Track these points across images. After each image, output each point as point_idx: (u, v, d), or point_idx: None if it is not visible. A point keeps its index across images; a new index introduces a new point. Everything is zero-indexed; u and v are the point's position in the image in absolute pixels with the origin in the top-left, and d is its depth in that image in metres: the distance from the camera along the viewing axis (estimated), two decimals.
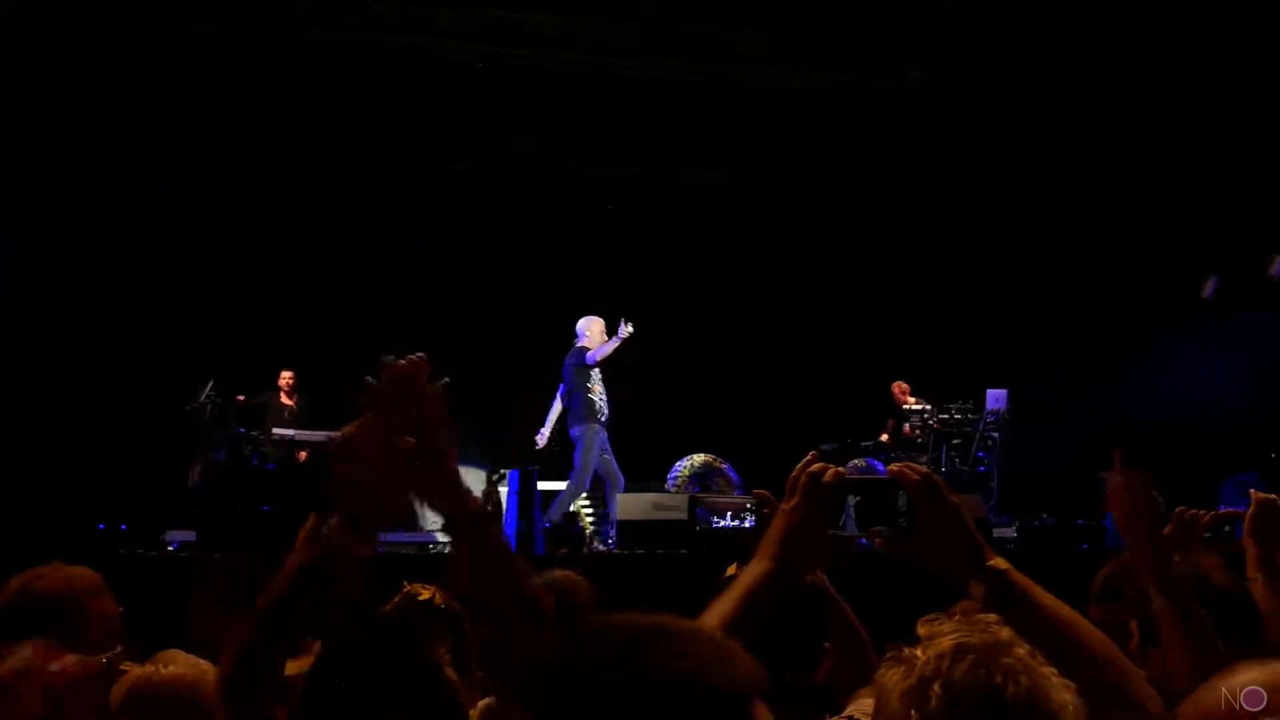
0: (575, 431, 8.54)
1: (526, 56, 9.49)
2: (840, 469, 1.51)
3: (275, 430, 9.25)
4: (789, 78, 9.73)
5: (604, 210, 12.30)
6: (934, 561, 1.46)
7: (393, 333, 11.22)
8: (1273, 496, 2.39)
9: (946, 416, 10.21)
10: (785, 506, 1.51)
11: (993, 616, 1.26)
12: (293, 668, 1.54)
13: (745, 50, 9.31)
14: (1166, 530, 2.90)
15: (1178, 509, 2.90)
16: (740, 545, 2.28)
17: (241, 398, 9.33)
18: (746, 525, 2.03)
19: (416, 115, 10.75)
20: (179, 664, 2.55)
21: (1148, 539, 2.05)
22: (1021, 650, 1.17)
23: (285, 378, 10.02)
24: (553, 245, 11.90)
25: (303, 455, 9.34)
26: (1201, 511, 2.84)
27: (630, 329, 8.40)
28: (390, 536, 6.36)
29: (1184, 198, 10.52)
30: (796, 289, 11.96)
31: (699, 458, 9.21)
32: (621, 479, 8.58)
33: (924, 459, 10.03)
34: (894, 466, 1.50)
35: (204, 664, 2.64)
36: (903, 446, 10.17)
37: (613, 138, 11.30)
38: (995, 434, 10.23)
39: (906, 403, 10.35)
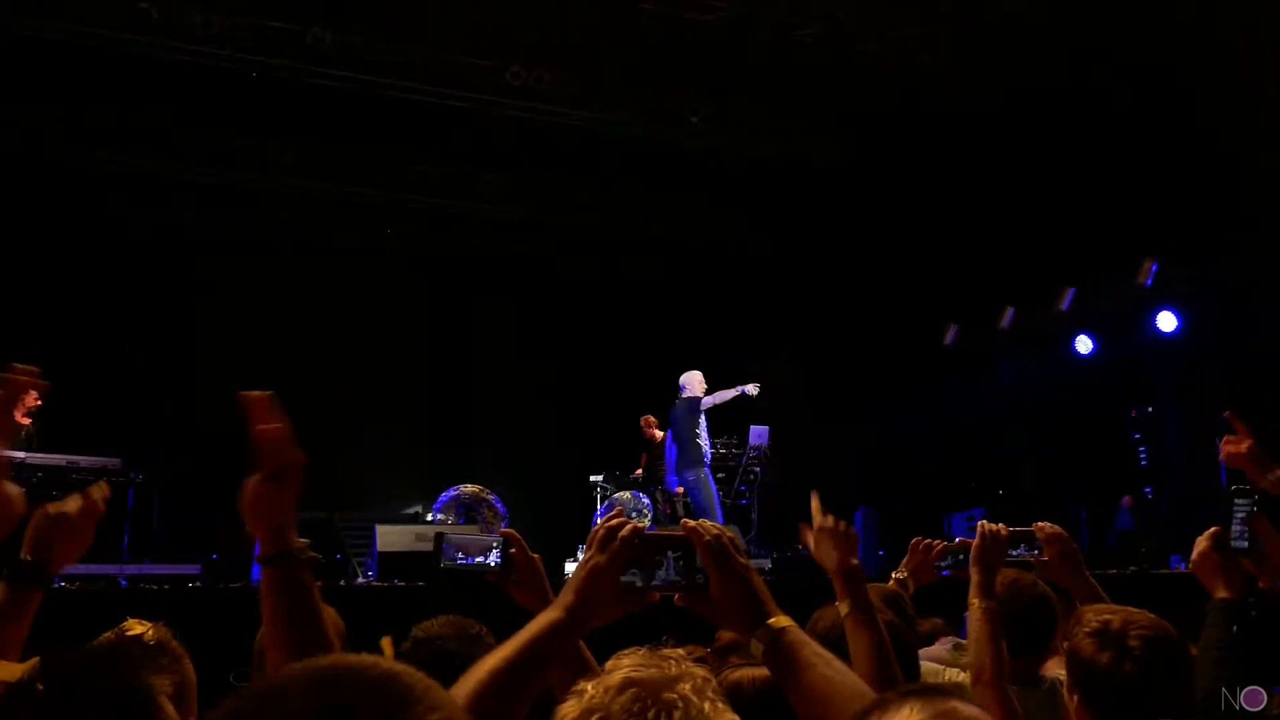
0: (690, 476, 9.07)
1: (304, 70, 9.18)
2: (639, 524, 1.55)
3: (4, 452, 8.45)
4: (565, 114, 9.82)
5: (382, 234, 12.06)
6: (720, 617, 1.52)
7: (147, 348, 10.63)
8: (997, 526, 2.58)
9: (712, 451, 10.51)
10: (584, 558, 1.54)
11: (680, 651, 1.30)
12: (2, 672, 1.47)
13: (517, 85, 9.36)
14: (905, 559, 3.16)
15: (914, 539, 3.17)
16: (485, 585, 2.28)
17: None
18: (491, 563, 2.03)
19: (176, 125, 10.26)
20: None
21: (842, 566, 2.22)
22: (687, 686, 1.22)
23: (29, 395, 9.22)
24: (320, 268, 11.57)
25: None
26: (936, 541, 3.10)
27: (755, 389, 9.25)
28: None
29: (930, 254, 11.26)
30: (563, 322, 12.08)
31: (469, 488, 9.11)
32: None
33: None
34: (687, 524, 1.55)
35: None
36: (658, 480, 10.40)
37: (389, 162, 11.12)
38: (757, 468, 10.61)
39: (654, 436, 10.59)
